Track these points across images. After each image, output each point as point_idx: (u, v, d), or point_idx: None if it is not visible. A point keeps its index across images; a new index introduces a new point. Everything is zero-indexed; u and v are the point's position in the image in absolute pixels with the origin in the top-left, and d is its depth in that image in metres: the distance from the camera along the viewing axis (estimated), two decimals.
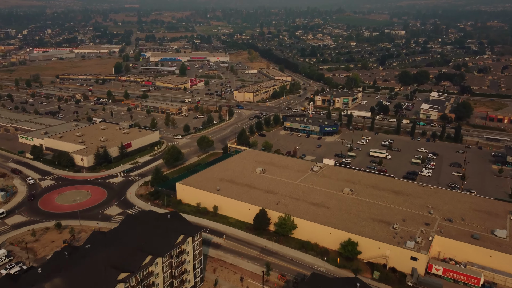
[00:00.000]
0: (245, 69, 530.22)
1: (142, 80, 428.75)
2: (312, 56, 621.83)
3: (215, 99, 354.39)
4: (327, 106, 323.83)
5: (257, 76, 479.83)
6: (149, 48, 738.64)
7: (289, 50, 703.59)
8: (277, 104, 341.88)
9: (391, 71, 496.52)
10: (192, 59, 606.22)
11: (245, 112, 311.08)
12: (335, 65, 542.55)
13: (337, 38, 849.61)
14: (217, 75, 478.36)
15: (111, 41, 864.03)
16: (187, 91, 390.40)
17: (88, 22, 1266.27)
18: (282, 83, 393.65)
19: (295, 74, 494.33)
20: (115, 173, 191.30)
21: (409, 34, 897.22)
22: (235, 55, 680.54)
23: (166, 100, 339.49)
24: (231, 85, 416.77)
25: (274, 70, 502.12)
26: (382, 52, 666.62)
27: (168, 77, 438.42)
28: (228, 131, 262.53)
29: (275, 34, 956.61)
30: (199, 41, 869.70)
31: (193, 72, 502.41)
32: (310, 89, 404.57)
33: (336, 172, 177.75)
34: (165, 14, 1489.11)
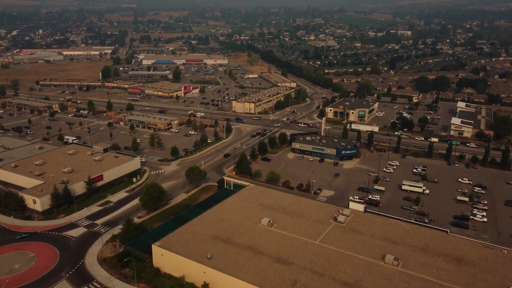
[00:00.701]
0: (244, 73, 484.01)
1: (131, 86, 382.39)
2: (316, 58, 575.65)
3: (210, 110, 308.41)
4: (339, 119, 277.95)
5: (257, 81, 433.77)
6: (143, 50, 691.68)
7: (291, 52, 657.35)
8: (281, 116, 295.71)
9: (404, 75, 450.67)
10: (188, 62, 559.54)
11: (245, 128, 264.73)
12: (341, 68, 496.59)
13: (340, 39, 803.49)
14: (214, 81, 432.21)
15: (104, 42, 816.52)
16: (179, 100, 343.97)
17: (82, 22, 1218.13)
18: (287, 91, 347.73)
19: (299, 79, 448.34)
20: (76, 221, 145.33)
21: (416, 35, 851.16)
22: (233, 57, 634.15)
23: (155, 111, 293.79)
24: (229, 93, 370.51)
25: (276, 74, 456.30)
26: (390, 54, 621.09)
27: (160, 84, 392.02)
28: (224, 153, 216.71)
29: (275, 34, 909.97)
30: (196, 42, 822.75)
31: (188, 77, 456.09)
32: (318, 97, 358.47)
33: (368, 222, 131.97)
34: (162, 14, 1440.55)
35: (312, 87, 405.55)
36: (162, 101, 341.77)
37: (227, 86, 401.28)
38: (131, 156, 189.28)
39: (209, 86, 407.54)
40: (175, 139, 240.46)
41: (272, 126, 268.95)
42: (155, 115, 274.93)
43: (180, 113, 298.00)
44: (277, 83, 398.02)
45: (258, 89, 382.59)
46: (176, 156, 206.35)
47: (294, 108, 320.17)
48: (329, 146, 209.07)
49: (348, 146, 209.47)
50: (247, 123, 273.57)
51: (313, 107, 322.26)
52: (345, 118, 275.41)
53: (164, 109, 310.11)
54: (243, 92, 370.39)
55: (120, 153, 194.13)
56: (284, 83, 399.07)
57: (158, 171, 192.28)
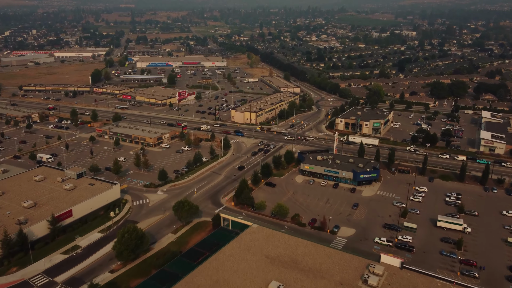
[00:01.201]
0: (244, 77, 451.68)
1: (121, 92, 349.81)
2: (320, 60, 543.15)
3: (207, 120, 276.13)
4: (351, 132, 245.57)
5: (258, 86, 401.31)
6: (139, 51, 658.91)
7: (292, 54, 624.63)
8: (286, 126, 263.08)
9: (414, 79, 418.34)
10: (184, 64, 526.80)
11: (246, 142, 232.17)
12: (347, 71, 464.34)
13: (343, 40, 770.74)
14: (211, 85, 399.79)
15: (98, 43, 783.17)
16: (173, 108, 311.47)
17: (79, 23, 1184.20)
18: (290, 97, 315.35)
19: (303, 83, 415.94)
20: (31, 278, 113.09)
21: (421, 35, 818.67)
22: (232, 59, 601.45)
23: (147, 121, 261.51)
24: (227, 99, 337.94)
25: (278, 78, 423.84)
26: (397, 56, 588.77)
27: (153, 89, 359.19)
28: (222, 177, 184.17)
29: (276, 35, 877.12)
30: (194, 43, 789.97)
31: (184, 81, 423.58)
32: (324, 104, 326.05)
33: (409, 285, 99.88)
34: (160, 14, 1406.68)
35: (318, 93, 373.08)
36: (154, 109, 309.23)
37: (226, 92, 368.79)
38: (109, 184, 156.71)
39: (206, 91, 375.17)
40: (166, 157, 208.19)
41: (276, 140, 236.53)
42: (144, 128, 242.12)
43: (173, 122, 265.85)
44: (280, 88, 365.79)
45: (259, 95, 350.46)
46: (165, 181, 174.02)
47: (299, 117, 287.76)
48: (344, 168, 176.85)
49: (366, 168, 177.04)
50: (248, 136, 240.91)
51: (321, 116, 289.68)
52: (358, 131, 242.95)
53: (178, 122, 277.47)
54: (243, 99, 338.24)
55: (97, 179, 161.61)
56: (287, 88, 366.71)
57: (142, 201, 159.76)
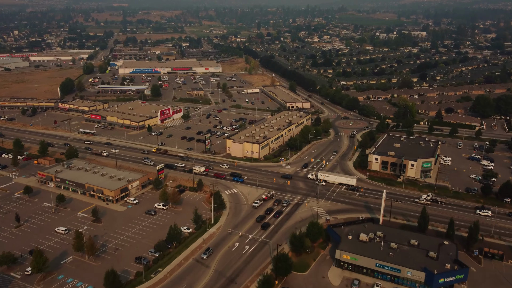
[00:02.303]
0: (242, 86, 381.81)
1: (91, 110, 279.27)
2: (326, 65, 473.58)
3: (195, 154, 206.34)
4: (391, 174, 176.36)
5: (259, 99, 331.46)
6: (125, 55, 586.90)
7: (295, 57, 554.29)
8: (300, 165, 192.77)
9: (443, 90, 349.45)
10: (174, 71, 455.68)
11: (248, 194, 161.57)
12: (361, 79, 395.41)
13: (348, 41, 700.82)
14: (203, 98, 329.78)
15: (83, 45, 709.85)
16: (153, 132, 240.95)
17: (67, 22, 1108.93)
18: (301, 117, 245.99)
19: (312, 94, 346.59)
20: None
21: (431, 36, 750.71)
22: (229, 63, 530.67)
23: (113, 154, 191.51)
24: (222, 120, 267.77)
25: (282, 89, 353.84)
26: (412, 60, 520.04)
27: (131, 105, 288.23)
28: (211, 270, 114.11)
29: (275, 36, 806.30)
30: (187, 45, 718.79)
31: (171, 92, 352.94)
32: (344, 126, 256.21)
33: None
34: (153, 13, 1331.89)
35: (331, 108, 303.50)
36: (128, 134, 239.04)
37: (220, 108, 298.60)
38: None
39: (197, 106, 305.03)
40: (130, 222, 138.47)
41: (291, 190, 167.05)
42: (106, 171, 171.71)
43: (147, 156, 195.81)
44: (286, 103, 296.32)
45: (261, 112, 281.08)
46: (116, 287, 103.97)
47: (315, 146, 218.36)
48: (408, 261, 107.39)
49: (445, 262, 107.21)
50: (249, 182, 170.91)
51: (343, 145, 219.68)
52: (401, 174, 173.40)
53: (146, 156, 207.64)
54: (241, 118, 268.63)
55: None
56: (294, 103, 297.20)
57: None
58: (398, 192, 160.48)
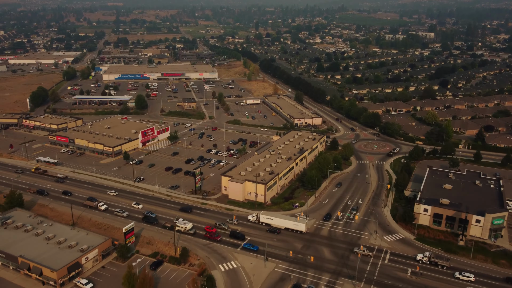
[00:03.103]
0: (240, 96, 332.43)
1: (60, 127, 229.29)
2: (333, 70, 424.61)
3: (181, 196, 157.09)
4: (448, 233, 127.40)
5: (261, 112, 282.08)
6: (113, 57, 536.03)
7: (298, 61, 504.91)
8: (320, 215, 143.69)
9: (472, 100, 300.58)
10: (164, 76, 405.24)
11: (252, 273, 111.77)
12: (374, 87, 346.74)
13: (353, 43, 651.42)
14: (195, 112, 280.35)
15: (70, 47, 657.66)
16: (130, 160, 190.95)
17: (58, 22, 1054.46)
18: (314, 140, 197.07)
19: (322, 106, 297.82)
20: None
21: (439, 37, 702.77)
22: (225, 67, 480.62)
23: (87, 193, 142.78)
24: (216, 143, 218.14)
25: (287, 100, 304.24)
26: (425, 64, 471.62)
27: (107, 122, 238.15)
28: None
29: (274, 36, 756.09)
30: (181, 46, 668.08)
31: (159, 104, 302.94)
32: (366, 150, 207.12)
33: None
34: (148, 13, 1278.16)
35: (345, 123, 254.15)
36: (100, 162, 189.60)
37: (215, 126, 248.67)
38: None
39: (188, 122, 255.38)
40: None
41: (316, 259, 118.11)
42: (54, 231, 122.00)
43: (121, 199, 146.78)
44: (293, 119, 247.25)
45: (265, 129, 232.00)
46: None
47: (334, 182, 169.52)
48: None
49: None
50: (254, 241, 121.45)
51: (371, 183, 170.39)
52: (462, 234, 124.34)
53: None
54: (241, 139, 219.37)
55: None
56: (303, 118, 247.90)
57: None
58: (465, 267, 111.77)
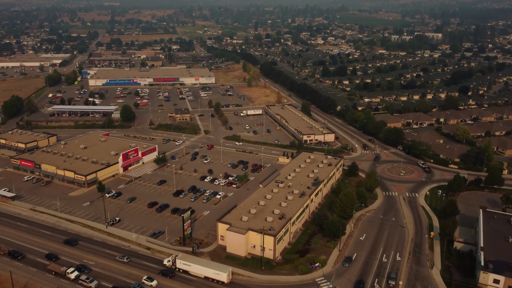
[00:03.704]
0: (240, 105, 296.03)
1: (29, 147, 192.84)
2: (340, 74, 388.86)
3: (163, 244, 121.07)
4: None
5: (264, 125, 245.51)
6: (104, 60, 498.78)
7: (301, 64, 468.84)
8: (349, 280, 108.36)
9: (499, 111, 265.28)
10: (157, 82, 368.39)
11: None
12: (388, 95, 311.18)
13: (357, 44, 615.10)
14: (189, 125, 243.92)
15: (60, 48, 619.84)
16: (106, 193, 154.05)
17: (51, 22, 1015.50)
18: (330, 166, 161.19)
19: (332, 118, 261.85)
20: None
21: (447, 38, 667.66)
22: (223, 71, 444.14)
23: None
24: (212, 169, 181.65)
25: (292, 110, 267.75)
26: (438, 67, 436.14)
27: (84, 140, 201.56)
28: None
29: (275, 37, 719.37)
30: (177, 47, 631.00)
31: (148, 115, 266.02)
32: (391, 177, 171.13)
33: None
34: (144, 12, 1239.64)
35: (361, 138, 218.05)
36: (70, 195, 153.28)
37: (210, 144, 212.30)
38: None
39: (181, 137, 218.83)
40: None
41: None
42: None
43: None
44: (301, 135, 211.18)
45: (270, 148, 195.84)
46: None
47: (360, 219, 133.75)
48: None
49: None
50: None
51: (404, 222, 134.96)
52: None
53: None
54: (241, 162, 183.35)
55: None
56: (313, 134, 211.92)
57: None
58: None
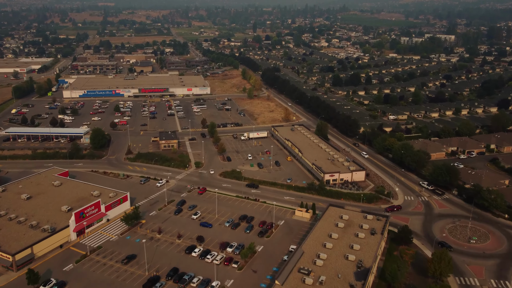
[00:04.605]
0: (240, 124, 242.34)
1: None
2: (354, 83, 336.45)
3: None
4: None
5: (270, 153, 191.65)
6: (88, 65, 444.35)
7: (307, 70, 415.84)
8: None
9: None
10: (143, 93, 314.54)
11: None
12: (416, 110, 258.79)
13: (366, 47, 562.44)
14: (177, 154, 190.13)
15: (43, 51, 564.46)
16: (41, 286, 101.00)
17: (41, 23, 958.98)
18: (374, 235, 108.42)
19: (353, 143, 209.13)
20: None
21: (461, 40, 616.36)
22: (220, 78, 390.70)
23: None
24: (204, 236, 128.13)
25: (304, 133, 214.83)
26: (461, 73, 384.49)
27: (30, 185, 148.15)
28: None
29: (275, 39, 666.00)
30: (171, 50, 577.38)
31: (127, 138, 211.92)
32: (459, 243, 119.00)
33: None
34: (139, 13, 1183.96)
35: (394, 172, 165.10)
36: None
37: (202, 186, 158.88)
38: None
39: (163, 175, 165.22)
40: None
41: None
42: None
43: None
44: (323, 174, 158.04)
45: (281, 198, 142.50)
46: None
47: None
48: None
49: None
50: None
51: None
52: None
53: None
54: (244, 217, 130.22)
55: None
56: (338, 172, 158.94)
57: None
58: None
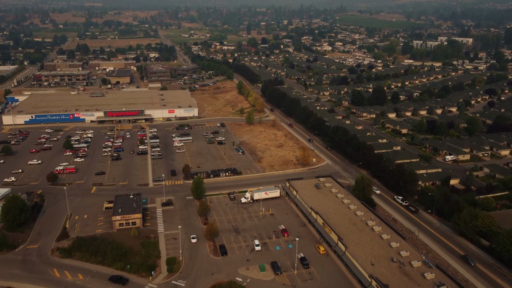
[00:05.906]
0: (240, 172, 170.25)
1: None
2: (378, 101, 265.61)
3: None
4: None
5: (290, 234, 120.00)
6: (55, 75, 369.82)
7: (316, 82, 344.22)
8: None
9: None
10: (109, 117, 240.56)
11: None
12: (479, 145, 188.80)
13: (377, 53, 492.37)
14: (136, 250, 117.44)
15: (8, 57, 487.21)
16: None
17: (19, 24, 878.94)
18: None
19: (397, 203, 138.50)
20: None
21: (479, 43, 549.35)
22: (211, 92, 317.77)
23: None
24: None
25: (339, 197, 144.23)
26: (503, 86, 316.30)
27: None
28: None
29: (272, 42, 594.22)
30: (156, 56, 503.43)
31: (65, 204, 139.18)
32: None
33: None
34: (126, 13, 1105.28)
35: (452, 246, 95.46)
36: None
37: None
38: None
39: (121, 278, 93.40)
40: None
41: None
42: None
43: None
44: (362, 272, 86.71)
45: None
46: None
47: None
48: None
49: None
50: None
51: None
52: None
53: None
54: None
55: None
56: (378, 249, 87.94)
57: None
58: None
